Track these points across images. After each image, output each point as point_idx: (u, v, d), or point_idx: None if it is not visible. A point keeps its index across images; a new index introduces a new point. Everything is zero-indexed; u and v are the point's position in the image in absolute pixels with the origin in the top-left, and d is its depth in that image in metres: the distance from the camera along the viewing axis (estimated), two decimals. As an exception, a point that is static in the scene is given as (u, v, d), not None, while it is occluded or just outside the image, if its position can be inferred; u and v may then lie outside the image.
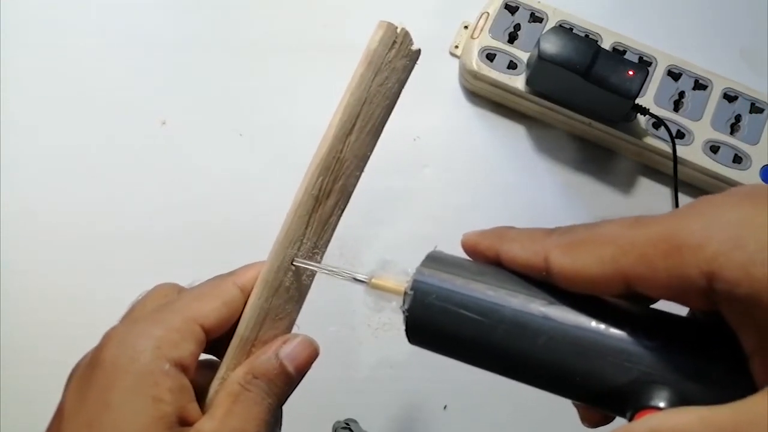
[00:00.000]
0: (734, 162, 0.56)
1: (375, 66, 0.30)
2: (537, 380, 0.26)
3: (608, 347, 0.24)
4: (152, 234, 0.55)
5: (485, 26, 0.58)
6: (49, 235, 0.56)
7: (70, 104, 0.59)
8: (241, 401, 0.29)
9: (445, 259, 0.27)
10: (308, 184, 0.29)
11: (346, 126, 0.30)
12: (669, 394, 0.23)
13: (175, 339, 0.28)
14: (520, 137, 0.59)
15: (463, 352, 0.26)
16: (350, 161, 0.31)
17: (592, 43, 0.54)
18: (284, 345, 0.30)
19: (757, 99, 0.57)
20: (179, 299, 0.30)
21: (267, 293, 0.30)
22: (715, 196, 0.22)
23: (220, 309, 0.29)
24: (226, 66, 0.60)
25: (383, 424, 0.52)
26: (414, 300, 0.26)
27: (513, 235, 0.26)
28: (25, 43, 0.60)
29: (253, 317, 0.29)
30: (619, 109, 0.54)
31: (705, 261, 0.20)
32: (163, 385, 0.27)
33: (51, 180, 0.57)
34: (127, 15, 0.62)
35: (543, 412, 0.51)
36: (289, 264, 0.30)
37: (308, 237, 0.31)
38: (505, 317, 0.25)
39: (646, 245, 0.22)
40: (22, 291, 0.54)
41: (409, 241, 0.55)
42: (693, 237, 0.20)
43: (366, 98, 0.30)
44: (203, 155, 0.58)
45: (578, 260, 0.23)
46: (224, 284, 0.30)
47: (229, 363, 0.29)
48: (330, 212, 0.31)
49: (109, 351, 0.27)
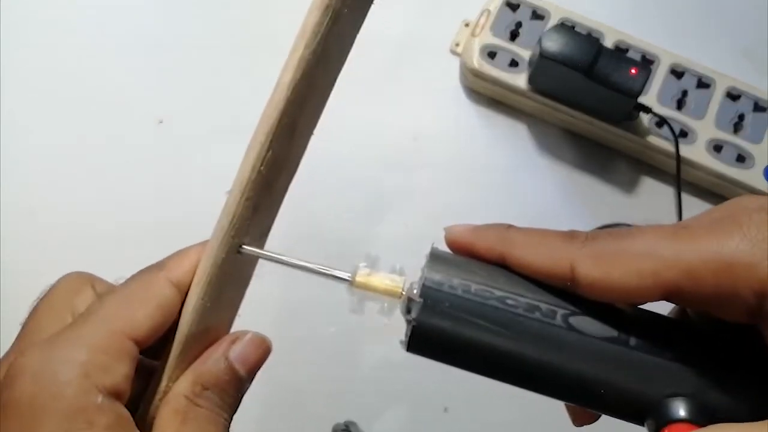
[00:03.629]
0: (737, 161, 0.56)
1: (333, 11, 0.24)
2: (557, 391, 0.25)
3: (633, 358, 0.24)
4: (150, 232, 0.55)
5: (486, 24, 0.58)
6: (47, 234, 0.55)
7: (67, 103, 0.59)
8: (191, 420, 0.24)
9: (451, 260, 0.25)
10: (255, 158, 0.24)
11: (300, 87, 0.24)
12: (693, 405, 0.23)
13: (105, 362, 0.23)
14: (522, 136, 0.59)
15: (473, 363, 0.25)
16: (302, 130, 0.26)
17: (595, 41, 0.54)
18: (233, 345, 0.26)
19: (760, 98, 0.57)
20: (102, 306, 0.25)
21: (211, 291, 0.25)
22: (749, 211, 0.22)
23: (154, 315, 0.24)
24: (224, 65, 0.60)
25: (383, 426, 0.51)
26: (424, 308, 0.24)
27: (522, 238, 0.25)
28: (23, 43, 0.60)
29: (195, 320, 0.25)
30: (621, 108, 0.54)
31: (758, 281, 0.21)
32: (99, 424, 0.22)
33: (48, 179, 0.57)
34: (125, 14, 0.61)
35: (545, 415, 0.51)
36: (236, 254, 0.25)
37: (256, 221, 0.26)
38: (528, 329, 0.24)
39: (693, 261, 0.22)
40: (22, 291, 0.54)
41: (409, 241, 0.55)
42: (745, 257, 0.21)
43: (323, 52, 0.24)
44: (200, 154, 0.57)
45: (613, 272, 0.23)
46: (156, 282, 0.25)
47: (170, 373, 0.25)
48: (280, 191, 0.27)
49: (23, 387, 0.22)
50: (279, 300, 0.53)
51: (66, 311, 0.26)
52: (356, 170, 0.57)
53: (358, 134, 0.57)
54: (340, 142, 0.52)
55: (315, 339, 0.53)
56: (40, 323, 0.26)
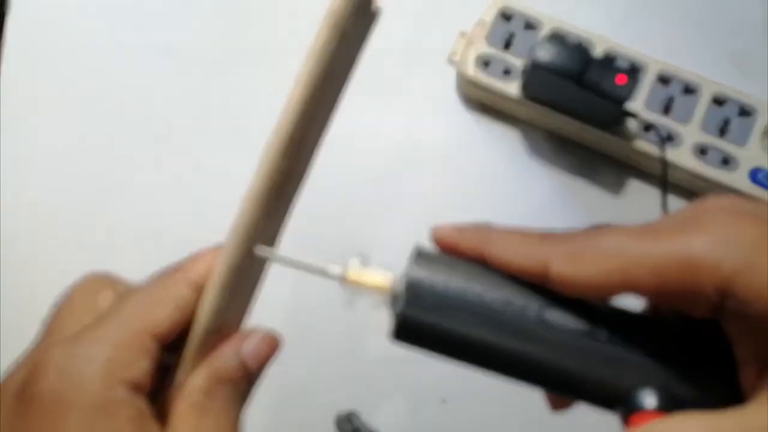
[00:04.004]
0: (723, 164, 0.57)
1: (341, 29, 0.25)
2: (531, 380, 0.27)
3: (603, 350, 0.25)
4: (158, 237, 0.57)
5: (481, 34, 0.60)
6: (53, 237, 0.57)
7: (76, 107, 0.60)
8: (207, 413, 0.25)
9: (433, 258, 0.27)
10: (269, 168, 0.26)
11: (310, 102, 0.25)
12: (661, 396, 0.24)
13: (127, 358, 0.24)
14: (514, 141, 0.61)
15: (453, 352, 0.27)
16: (311, 141, 0.28)
17: (584, 50, 0.55)
18: (245, 342, 0.27)
19: (746, 102, 0.58)
20: (123, 305, 0.26)
21: (225, 292, 0.26)
22: (714, 211, 0.24)
23: (173, 313, 0.26)
24: (234, 70, 0.62)
25: (384, 416, 0.53)
26: (407, 302, 0.26)
27: (501, 238, 0.27)
28: (31, 46, 0.61)
29: (211, 318, 0.26)
30: (609, 114, 0.56)
31: (720, 279, 0.22)
32: (122, 417, 0.23)
33: (55, 183, 0.58)
34: (134, 19, 0.63)
35: (541, 406, 0.53)
36: (249, 257, 0.27)
37: (268, 226, 0.27)
38: (503, 322, 0.25)
39: (659, 260, 0.23)
40: (22, 291, 0.55)
41: (407, 245, 0.57)
42: (708, 255, 0.22)
43: (331, 69, 0.25)
44: (210, 159, 0.59)
45: (583, 270, 0.24)
46: (175, 283, 0.26)
47: (187, 368, 0.26)
48: (290, 197, 0.28)
49: (48, 382, 0.23)
50: (284, 296, 0.55)
51: (87, 311, 0.26)
52: (354, 175, 0.59)
53: (356, 139, 0.58)
54: (338, 148, 0.52)
55: (319, 333, 0.55)
56: (63, 322, 0.26)
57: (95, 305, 0.27)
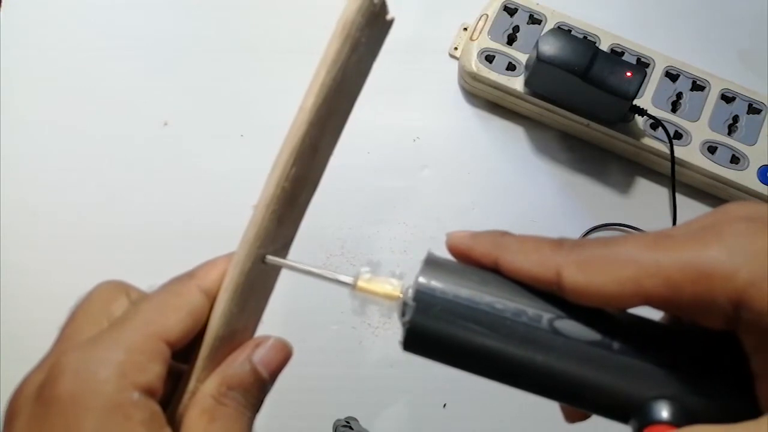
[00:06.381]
0: (732, 162, 0.56)
1: (353, 40, 0.25)
2: (543, 391, 0.26)
3: (616, 361, 0.24)
4: (154, 234, 0.56)
5: (484, 28, 0.59)
6: (51, 236, 0.56)
7: (72, 104, 0.60)
8: (218, 419, 0.26)
9: (444, 265, 0.26)
10: (280, 175, 0.26)
11: (321, 110, 0.25)
12: (674, 408, 0.24)
13: (141, 362, 0.25)
14: (519, 138, 0.60)
15: (463, 362, 0.26)
16: (323, 149, 0.28)
17: (591, 44, 0.54)
18: (257, 349, 0.28)
19: (754, 100, 0.57)
20: (138, 312, 0.26)
21: (237, 299, 0.26)
22: (731, 220, 0.23)
23: (186, 320, 0.26)
24: (229, 67, 0.61)
25: (383, 422, 0.52)
26: (416, 311, 0.25)
27: (514, 244, 0.26)
28: (28, 43, 0.61)
29: (223, 325, 0.26)
30: (616, 110, 0.55)
31: (734, 290, 0.21)
32: (135, 419, 0.24)
33: (52, 180, 0.58)
34: (130, 16, 0.62)
35: (542, 411, 0.51)
36: (260, 264, 0.27)
37: (280, 233, 0.27)
38: (514, 332, 0.25)
39: (672, 270, 0.22)
40: (22, 291, 0.54)
41: (409, 242, 0.56)
42: (723, 266, 0.21)
43: (343, 78, 0.26)
44: (205, 156, 0.58)
45: (596, 278, 0.23)
46: (187, 290, 0.27)
47: (198, 374, 0.26)
48: (302, 205, 0.28)
49: (66, 384, 0.24)
50: (284, 300, 0.54)
51: (103, 317, 0.27)
52: (358, 171, 0.58)
53: (359, 136, 0.57)
54: (342, 144, 0.52)
55: (318, 338, 0.54)
56: (80, 327, 0.27)
57: (110, 311, 0.27)
